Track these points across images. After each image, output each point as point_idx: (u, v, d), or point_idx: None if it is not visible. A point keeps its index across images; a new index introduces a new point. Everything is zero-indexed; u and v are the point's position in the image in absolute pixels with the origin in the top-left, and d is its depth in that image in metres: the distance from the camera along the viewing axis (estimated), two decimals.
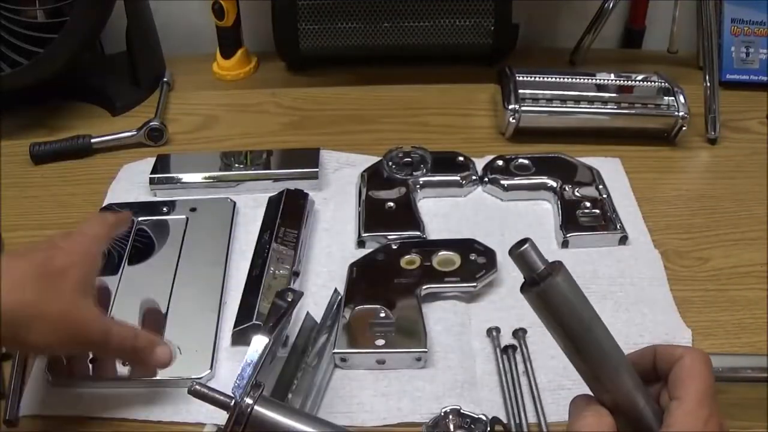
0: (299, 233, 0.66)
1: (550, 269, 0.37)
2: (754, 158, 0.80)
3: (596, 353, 0.39)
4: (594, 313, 0.39)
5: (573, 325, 0.38)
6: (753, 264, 0.66)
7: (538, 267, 0.37)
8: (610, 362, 0.39)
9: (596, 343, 0.39)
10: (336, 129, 0.85)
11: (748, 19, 0.92)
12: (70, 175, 0.79)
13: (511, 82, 0.82)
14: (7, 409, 0.53)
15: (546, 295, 0.37)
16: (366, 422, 0.53)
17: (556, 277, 0.37)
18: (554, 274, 0.37)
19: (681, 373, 0.39)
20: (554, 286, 0.37)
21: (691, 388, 0.38)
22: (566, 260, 0.65)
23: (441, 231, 0.69)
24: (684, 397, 0.38)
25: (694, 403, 0.38)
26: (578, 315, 0.38)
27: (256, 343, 0.48)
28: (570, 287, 0.38)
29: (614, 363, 0.39)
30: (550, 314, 0.38)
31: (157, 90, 0.91)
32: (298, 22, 0.89)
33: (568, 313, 0.38)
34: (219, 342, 0.58)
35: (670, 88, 0.81)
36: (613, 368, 0.39)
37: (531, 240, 0.37)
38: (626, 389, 0.39)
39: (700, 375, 0.39)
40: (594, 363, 0.39)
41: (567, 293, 0.38)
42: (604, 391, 0.40)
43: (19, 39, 0.77)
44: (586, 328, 0.38)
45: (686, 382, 0.38)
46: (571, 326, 0.38)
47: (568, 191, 0.72)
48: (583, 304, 0.38)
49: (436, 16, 0.89)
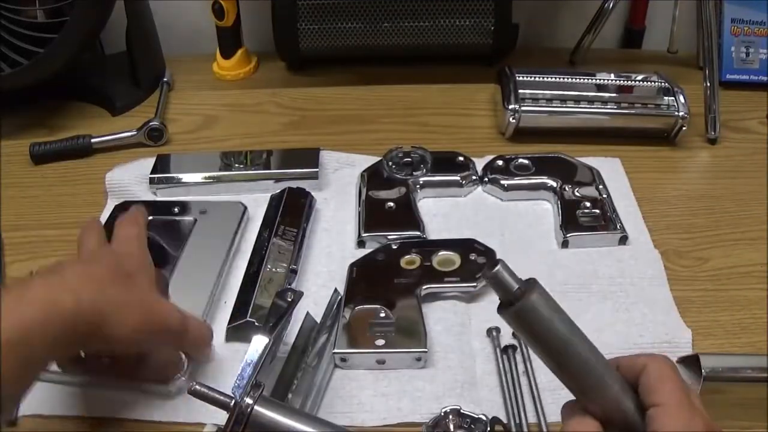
0: (299, 231, 0.66)
1: (525, 288, 0.38)
2: (754, 158, 0.80)
3: (578, 367, 0.39)
4: (574, 327, 0.39)
5: (552, 341, 0.38)
6: (753, 264, 0.66)
7: (512, 287, 0.38)
8: (593, 374, 0.39)
9: (577, 357, 0.39)
10: (336, 129, 0.85)
11: (748, 19, 0.92)
12: (70, 175, 0.79)
13: (511, 82, 0.82)
14: None
15: (523, 314, 0.38)
16: (366, 422, 0.53)
17: (531, 296, 0.37)
18: (529, 293, 0.37)
19: (649, 381, 0.39)
20: (529, 304, 0.37)
21: (666, 393, 0.38)
22: (566, 260, 0.66)
23: (441, 231, 0.69)
24: (661, 402, 0.38)
25: (673, 407, 0.37)
26: (556, 331, 0.38)
27: (256, 343, 0.48)
28: (546, 304, 0.38)
29: (597, 374, 0.39)
30: (528, 332, 0.39)
31: (157, 90, 0.91)
32: (298, 22, 0.89)
33: (546, 330, 0.38)
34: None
35: (670, 88, 0.81)
36: (596, 380, 0.39)
37: (502, 261, 0.38)
38: (613, 399, 0.39)
39: (670, 378, 0.39)
40: (577, 377, 0.39)
41: (543, 310, 0.38)
42: (591, 402, 0.40)
43: (19, 39, 0.77)
44: (566, 343, 0.38)
45: (658, 387, 0.38)
46: (550, 343, 0.38)
47: (568, 191, 0.72)
48: (561, 319, 0.39)
49: (436, 16, 0.89)
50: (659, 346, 0.57)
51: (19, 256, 0.68)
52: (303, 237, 0.67)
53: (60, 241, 0.70)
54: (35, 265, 0.66)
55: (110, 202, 0.73)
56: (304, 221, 0.68)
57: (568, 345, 0.38)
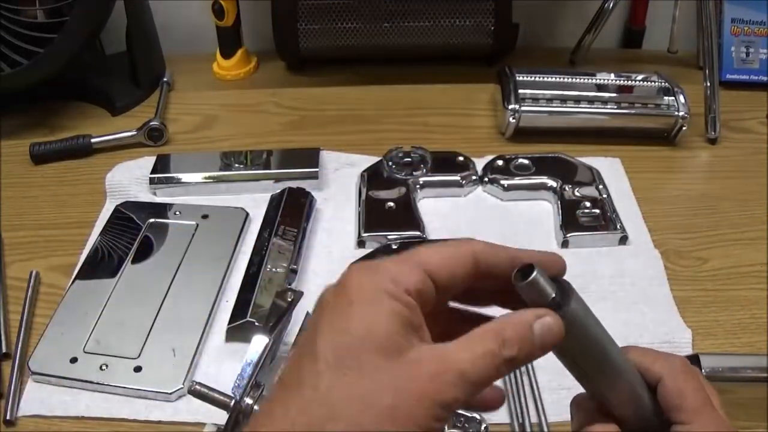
0: (299, 231, 0.66)
1: (562, 294, 0.33)
2: (754, 158, 0.80)
3: (614, 377, 0.35)
4: (608, 335, 0.35)
5: (591, 351, 0.34)
6: (753, 264, 0.66)
7: (549, 294, 0.32)
8: (626, 383, 0.35)
9: (614, 366, 0.35)
10: (336, 129, 0.85)
11: (748, 19, 0.92)
12: (70, 175, 0.79)
13: (511, 82, 0.82)
14: (7, 409, 0.54)
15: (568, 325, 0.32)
16: None
17: (571, 303, 0.33)
18: (568, 299, 0.33)
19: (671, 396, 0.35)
20: (574, 313, 0.32)
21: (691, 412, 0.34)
22: (566, 260, 0.66)
23: (441, 231, 0.69)
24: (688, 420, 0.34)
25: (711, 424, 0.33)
26: (595, 340, 0.34)
27: (256, 343, 0.48)
28: (585, 311, 0.34)
29: (630, 382, 0.35)
30: (569, 344, 0.33)
31: (157, 90, 0.91)
32: (298, 22, 0.89)
33: (586, 339, 0.34)
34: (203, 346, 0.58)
35: (670, 88, 0.81)
36: (629, 389, 0.35)
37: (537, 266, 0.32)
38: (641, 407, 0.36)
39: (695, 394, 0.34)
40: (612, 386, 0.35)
41: (584, 319, 0.33)
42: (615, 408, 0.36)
43: (19, 39, 0.77)
44: (604, 353, 0.34)
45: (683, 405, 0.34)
46: (589, 353, 0.34)
47: (568, 191, 0.72)
48: (598, 326, 0.35)
49: (436, 16, 0.89)
50: (659, 346, 0.57)
51: (19, 256, 0.68)
52: (303, 237, 0.67)
53: (60, 241, 0.70)
54: (35, 265, 0.66)
55: (110, 202, 0.73)
56: (304, 221, 0.68)
57: (606, 354, 0.34)
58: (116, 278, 0.63)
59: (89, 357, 0.56)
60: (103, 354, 0.57)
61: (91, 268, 0.65)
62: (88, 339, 0.58)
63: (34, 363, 0.56)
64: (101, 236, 0.68)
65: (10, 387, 0.55)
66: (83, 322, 0.59)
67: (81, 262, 0.66)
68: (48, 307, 0.62)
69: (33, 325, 0.61)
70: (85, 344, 0.57)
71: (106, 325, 0.59)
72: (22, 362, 0.57)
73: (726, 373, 0.52)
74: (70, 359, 0.56)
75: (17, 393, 0.55)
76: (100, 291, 0.62)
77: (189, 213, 0.70)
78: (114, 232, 0.68)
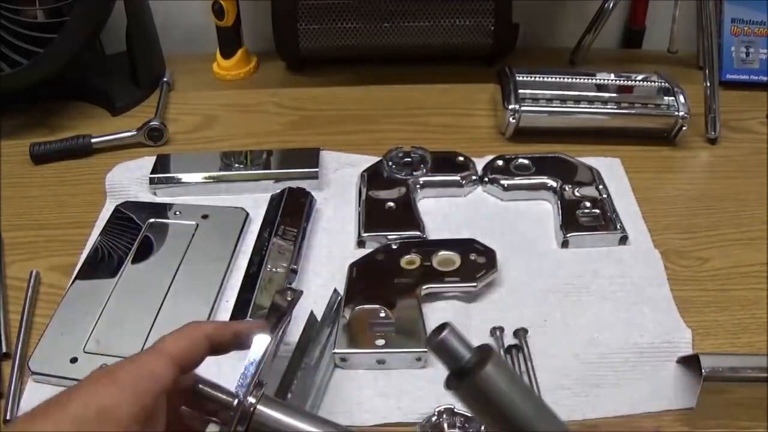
0: (299, 231, 0.66)
1: (478, 356, 0.32)
2: (754, 158, 0.80)
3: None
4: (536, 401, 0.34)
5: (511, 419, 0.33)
6: (753, 264, 0.66)
7: (463, 355, 0.32)
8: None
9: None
10: (336, 129, 0.85)
11: (748, 19, 0.92)
12: (70, 175, 0.79)
13: (511, 82, 0.82)
14: (7, 409, 0.54)
15: (480, 388, 0.32)
16: (366, 422, 0.53)
17: (486, 366, 0.32)
18: (484, 362, 0.32)
19: None
20: (488, 375, 0.32)
21: None
22: (566, 260, 0.66)
23: (441, 231, 0.69)
24: None
25: None
26: (517, 408, 0.33)
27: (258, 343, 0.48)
28: (504, 374, 0.33)
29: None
30: (485, 407, 0.33)
31: (157, 90, 0.91)
32: (298, 22, 0.89)
33: (504, 405, 0.32)
34: None
35: (670, 88, 0.81)
36: None
37: (450, 324, 0.33)
38: None
39: None
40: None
41: (501, 383, 0.32)
42: None
43: (19, 39, 0.77)
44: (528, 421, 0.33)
45: None
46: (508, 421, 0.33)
47: (568, 191, 0.72)
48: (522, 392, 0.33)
49: (436, 16, 0.89)
50: (659, 346, 0.57)
51: (19, 256, 0.68)
52: (303, 237, 0.67)
53: (60, 241, 0.70)
54: (35, 265, 0.66)
55: (110, 202, 0.73)
56: (304, 221, 0.68)
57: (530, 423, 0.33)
58: (116, 278, 0.63)
59: (89, 357, 0.56)
60: (103, 354, 0.56)
61: (91, 268, 0.65)
62: (88, 339, 0.58)
63: (34, 363, 0.56)
64: (101, 236, 0.68)
65: (10, 387, 0.55)
66: (83, 322, 0.59)
67: (81, 262, 0.66)
68: (48, 307, 0.62)
69: (33, 325, 0.61)
70: (85, 344, 0.57)
71: (106, 325, 0.59)
72: (22, 362, 0.57)
73: (726, 373, 0.52)
74: (70, 359, 0.56)
75: (17, 393, 0.55)
76: (100, 291, 0.62)
77: (189, 213, 0.70)
78: (114, 232, 0.68)
